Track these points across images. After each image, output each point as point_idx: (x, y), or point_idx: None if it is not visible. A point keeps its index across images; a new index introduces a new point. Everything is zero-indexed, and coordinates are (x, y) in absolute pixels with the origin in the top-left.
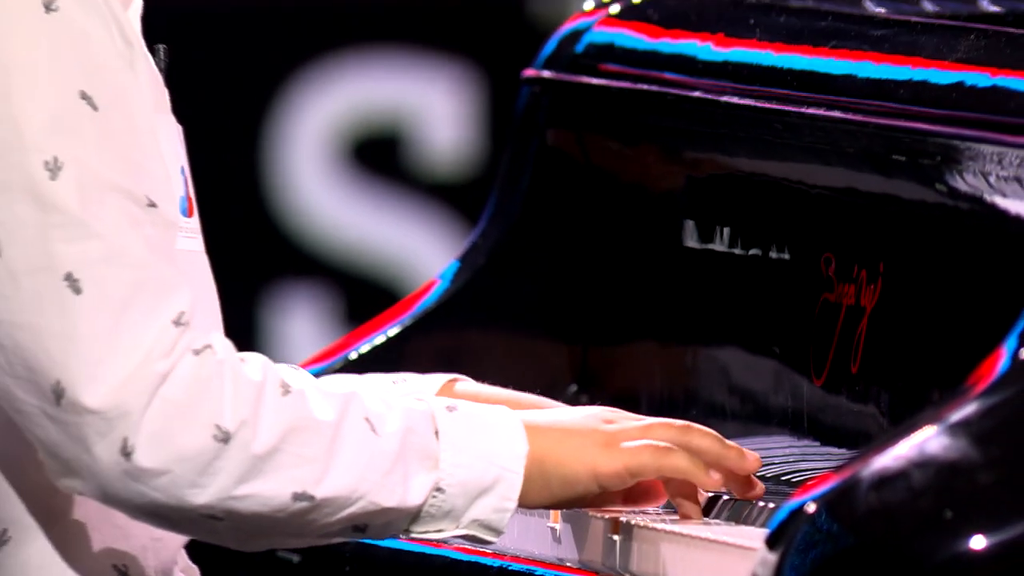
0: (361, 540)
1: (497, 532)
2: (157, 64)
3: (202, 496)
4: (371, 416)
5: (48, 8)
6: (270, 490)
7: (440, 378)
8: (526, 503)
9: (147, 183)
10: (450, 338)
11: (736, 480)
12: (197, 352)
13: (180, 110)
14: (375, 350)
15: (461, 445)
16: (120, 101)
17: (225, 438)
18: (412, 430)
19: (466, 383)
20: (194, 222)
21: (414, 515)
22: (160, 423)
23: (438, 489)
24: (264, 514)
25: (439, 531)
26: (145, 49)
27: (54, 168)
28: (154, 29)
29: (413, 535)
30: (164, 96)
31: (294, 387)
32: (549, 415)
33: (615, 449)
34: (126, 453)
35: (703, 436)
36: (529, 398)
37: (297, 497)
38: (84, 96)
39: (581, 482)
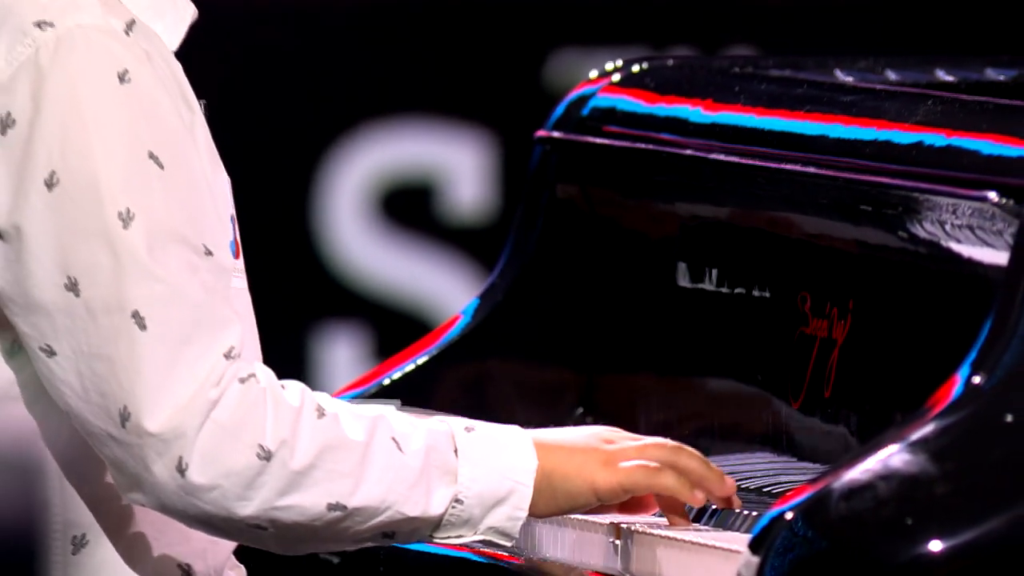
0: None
1: (511, 538)
2: (203, 112)
3: (248, 508)
4: (397, 436)
5: (122, 79)
6: (308, 501)
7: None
8: (534, 512)
9: (204, 233)
10: (472, 366)
11: (716, 498)
12: (243, 380)
13: (244, 167)
14: (405, 376)
15: (477, 461)
16: (182, 161)
17: (267, 456)
18: (434, 448)
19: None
20: (240, 263)
21: (436, 523)
22: (211, 444)
23: (457, 500)
24: (303, 523)
25: (459, 536)
26: (201, 112)
27: (126, 219)
28: (218, 90)
29: (436, 540)
30: (215, 151)
31: (328, 410)
32: (557, 434)
33: (613, 467)
34: (181, 470)
35: (690, 458)
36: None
37: (332, 507)
38: (152, 156)
39: (583, 495)
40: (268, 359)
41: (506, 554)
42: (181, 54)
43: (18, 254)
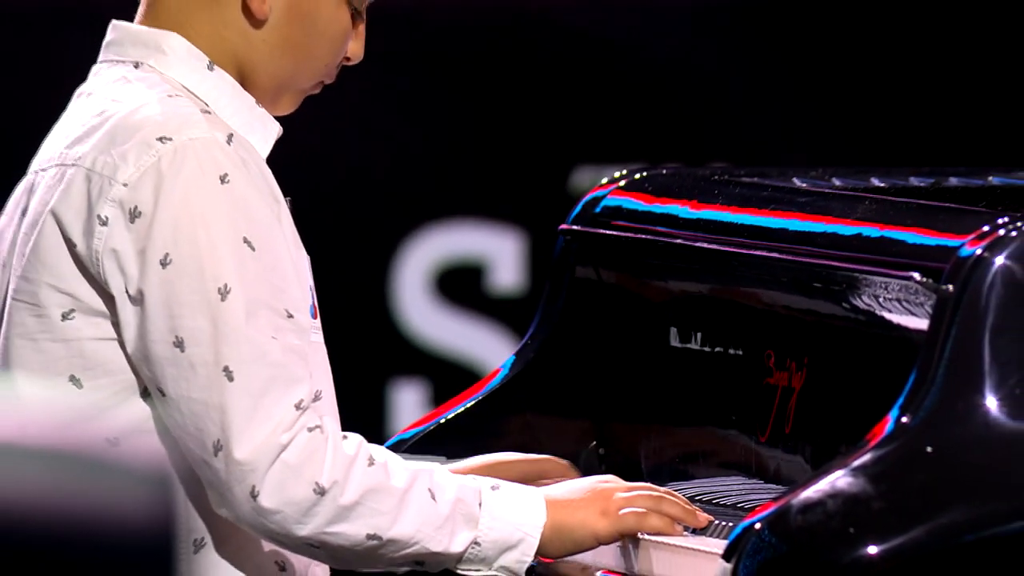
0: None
1: (519, 572)
2: (288, 206)
3: (304, 530)
4: (434, 487)
5: (223, 181)
6: (351, 531)
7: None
8: (545, 555)
9: (286, 300)
10: (509, 409)
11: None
12: (311, 430)
13: (338, 254)
14: (457, 416)
15: (497, 514)
16: (269, 244)
17: (322, 492)
18: (462, 500)
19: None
20: (317, 323)
21: (458, 559)
22: (278, 478)
23: (476, 543)
24: (347, 547)
25: (477, 570)
26: (286, 204)
27: (224, 293)
28: (311, 196)
29: (459, 570)
30: (297, 236)
31: (378, 460)
32: (565, 490)
33: (610, 516)
34: (253, 496)
35: (672, 505)
36: (554, 459)
37: (370, 537)
38: (246, 241)
39: (586, 541)
40: (352, 403)
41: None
42: (300, 158)
43: (141, 315)
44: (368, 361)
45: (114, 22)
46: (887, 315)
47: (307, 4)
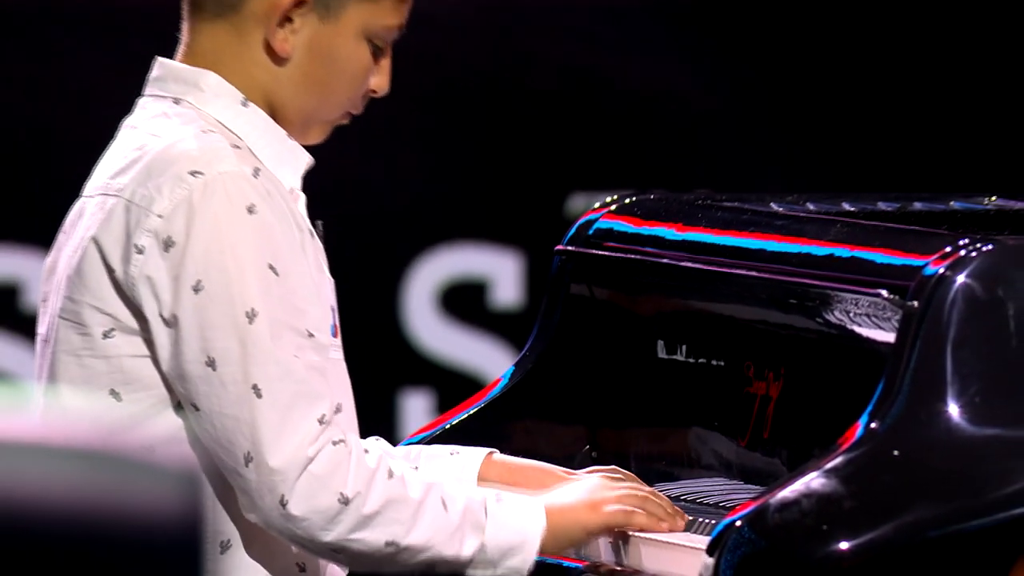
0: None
1: (521, 575)
2: (318, 232)
3: (328, 536)
4: (445, 498)
5: (250, 211)
6: (371, 538)
7: (482, 451)
8: (544, 553)
9: (307, 321)
10: (509, 415)
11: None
12: (335, 443)
13: (355, 273)
14: (461, 422)
15: (501, 522)
16: (292, 270)
17: (345, 502)
18: (470, 510)
19: (500, 455)
20: (338, 341)
21: (467, 563)
22: (305, 488)
23: (483, 548)
24: (366, 552)
25: (484, 572)
26: (310, 229)
27: (251, 316)
28: (329, 220)
29: (467, 573)
30: (323, 258)
31: (397, 473)
32: (563, 495)
33: (600, 513)
34: (282, 504)
35: (656, 505)
36: (544, 465)
37: (388, 544)
38: (271, 267)
39: (580, 540)
40: (365, 410)
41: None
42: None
43: (175, 337)
44: (380, 371)
45: (159, 59)
46: (857, 329)
47: (326, 43)
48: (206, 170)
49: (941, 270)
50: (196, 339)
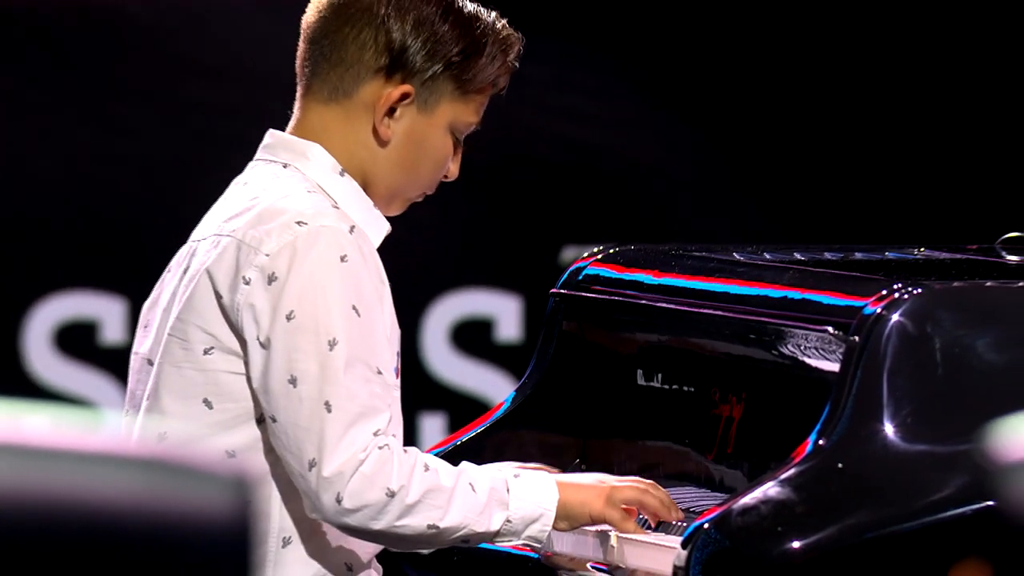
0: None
1: (540, 542)
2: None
3: (378, 525)
4: (472, 481)
5: (342, 260)
6: (415, 523)
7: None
8: (555, 528)
9: (377, 360)
10: (511, 433)
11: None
12: (381, 448)
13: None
14: (470, 439)
15: (522, 496)
16: (370, 314)
17: (391, 495)
18: (495, 489)
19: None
20: (398, 382)
21: (494, 535)
22: (358, 486)
23: (508, 521)
24: (411, 535)
25: (509, 541)
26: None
27: (332, 345)
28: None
29: (496, 542)
30: (394, 312)
31: (431, 467)
32: (572, 477)
33: (604, 502)
34: (339, 500)
35: (653, 498)
36: (553, 472)
37: (430, 527)
38: (354, 308)
39: (584, 519)
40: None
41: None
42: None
43: (266, 357)
44: (401, 396)
45: (270, 131)
46: (807, 360)
47: (420, 132)
48: (311, 222)
49: (878, 310)
50: (283, 360)
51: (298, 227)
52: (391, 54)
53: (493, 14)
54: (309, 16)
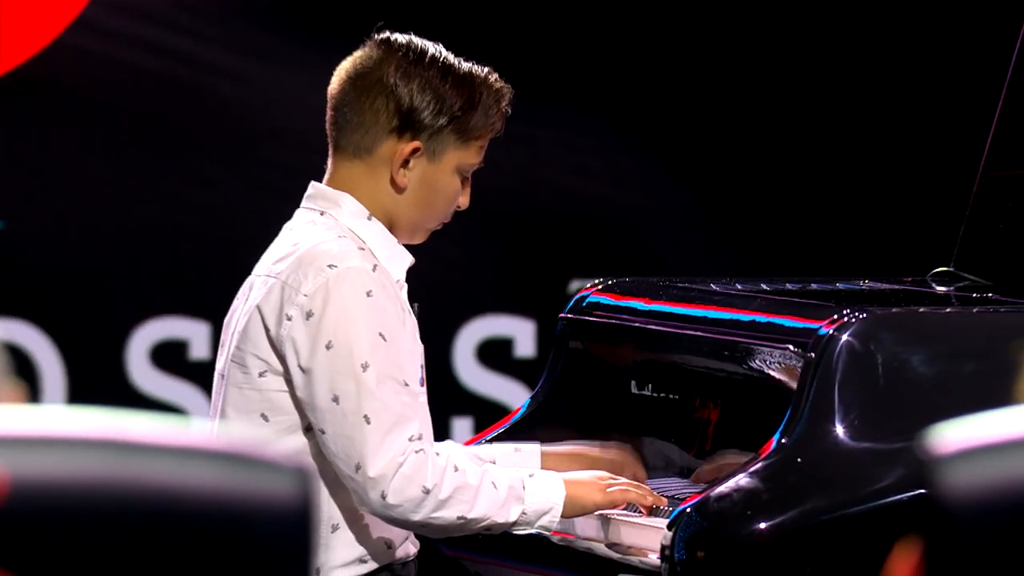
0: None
1: (550, 530)
2: (415, 311)
3: (416, 517)
4: (495, 480)
5: (368, 295)
6: (447, 515)
7: (535, 445)
8: (563, 516)
9: (404, 374)
10: (525, 434)
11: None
12: (417, 452)
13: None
14: (493, 438)
15: (535, 492)
16: (395, 338)
17: (427, 492)
18: (513, 487)
19: (548, 446)
20: (423, 390)
21: (512, 525)
22: (399, 484)
23: (523, 513)
24: (443, 525)
25: (524, 530)
26: (409, 310)
27: (365, 367)
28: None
29: (513, 531)
30: (416, 331)
31: (460, 467)
32: (575, 475)
33: (603, 493)
34: (383, 497)
35: (638, 490)
36: (581, 446)
37: (459, 519)
38: (380, 334)
39: (587, 508)
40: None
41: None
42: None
43: (309, 381)
44: (436, 403)
45: (312, 182)
46: (771, 373)
47: (431, 177)
48: (339, 264)
49: (831, 331)
50: (326, 382)
51: (329, 270)
52: (401, 116)
53: (486, 69)
54: (333, 87)
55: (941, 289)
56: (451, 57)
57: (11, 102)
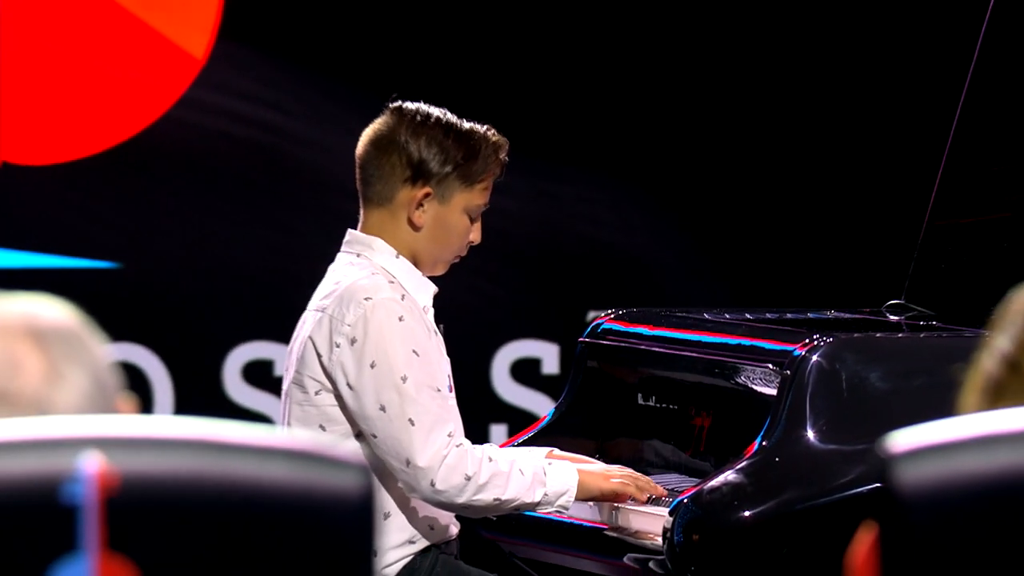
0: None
1: (567, 510)
2: (440, 331)
3: (460, 499)
4: (522, 468)
5: (400, 320)
6: (485, 498)
7: (545, 450)
8: (577, 499)
9: (436, 382)
10: (550, 437)
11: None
12: (458, 446)
13: (463, 355)
14: (523, 442)
15: (554, 477)
16: (426, 352)
17: (468, 478)
18: (536, 473)
19: (557, 452)
20: (452, 394)
21: (536, 504)
22: (445, 474)
23: (545, 494)
24: (482, 506)
25: (544, 509)
26: (435, 330)
27: (404, 379)
28: (448, 325)
29: (536, 511)
30: (442, 347)
31: (493, 458)
32: (585, 465)
33: (608, 482)
34: (432, 485)
35: (644, 481)
36: (583, 458)
37: (495, 500)
38: (414, 351)
39: (595, 494)
40: (469, 435)
41: (564, 514)
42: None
43: (358, 396)
44: (477, 412)
45: (349, 230)
46: (754, 387)
47: (443, 218)
48: (374, 296)
49: (803, 353)
50: (373, 395)
51: (366, 302)
52: (412, 167)
53: (485, 126)
54: (358, 150)
55: (894, 318)
56: (454, 118)
57: (128, 164)
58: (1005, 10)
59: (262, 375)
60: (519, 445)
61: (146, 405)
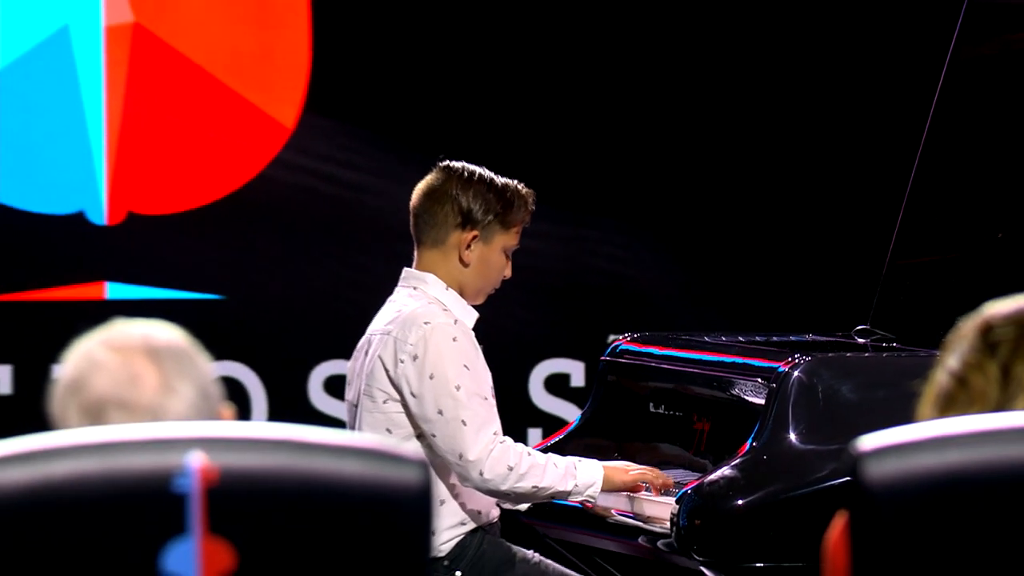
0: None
1: (594, 499)
2: (483, 350)
3: (504, 487)
4: (556, 461)
5: (453, 340)
6: (525, 485)
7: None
8: (602, 490)
9: (483, 391)
10: (577, 441)
11: (665, 486)
12: (502, 442)
13: (505, 371)
14: (554, 444)
15: (584, 471)
16: (475, 365)
17: (511, 469)
18: (568, 466)
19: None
20: (494, 402)
21: (567, 494)
22: (491, 466)
23: (576, 485)
24: (522, 493)
25: (576, 498)
26: (480, 350)
27: (459, 387)
28: (488, 348)
29: (568, 500)
30: (486, 366)
31: (531, 453)
32: (609, 463)
33: (628, 475)
34: (480, 475)
35: (655, 474)
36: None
37: (533, 487)
38: (465, 365)
39: (618, 486)
40: (514, 436)
41: (589, 503)
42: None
43: (420, 403)
44: (516, 419)
45: (404, 268)
46: (747, 397)
47: (486, 256)
48: (432, 321)
49: (787, 369)
50: (432, 402)
51: (425, 326)
52: (462, 215)
53: (515, 181)
54: (413, 200)
55: (861, 340)
56: (491, 174)
57: (229, 213)
58: (962, 64)
59: (341, 387)
60: (550, 447)
61: (244, 413)
